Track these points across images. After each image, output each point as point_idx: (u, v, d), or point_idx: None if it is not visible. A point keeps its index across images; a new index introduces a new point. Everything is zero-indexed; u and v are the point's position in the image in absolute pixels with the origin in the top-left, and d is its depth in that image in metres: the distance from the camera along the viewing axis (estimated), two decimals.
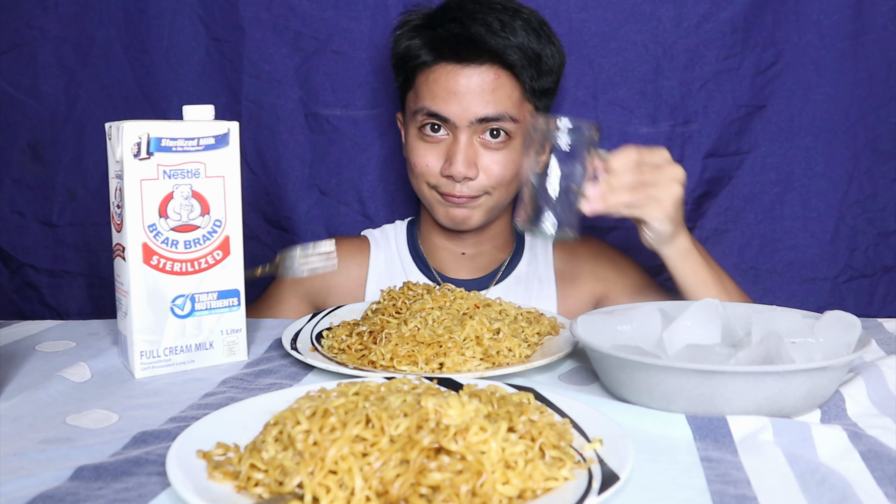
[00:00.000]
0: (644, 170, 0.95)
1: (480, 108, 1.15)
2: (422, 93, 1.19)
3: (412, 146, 1.22)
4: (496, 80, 1.16)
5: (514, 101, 1.18)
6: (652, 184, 0.96)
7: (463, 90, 1.15)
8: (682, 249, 1.05)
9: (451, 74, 1.16)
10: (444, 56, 1.17)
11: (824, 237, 1.45)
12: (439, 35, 1.17)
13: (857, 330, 0.78)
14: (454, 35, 1.16)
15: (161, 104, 1.43)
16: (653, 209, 0.96)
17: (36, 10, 1.40)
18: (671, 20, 1.41)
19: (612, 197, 0.94)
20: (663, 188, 0.96)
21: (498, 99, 1.16)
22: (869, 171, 1.44)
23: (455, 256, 1.32)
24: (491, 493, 0.54)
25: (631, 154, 0.95)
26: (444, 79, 1.16)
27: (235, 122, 0.89)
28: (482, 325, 0.90)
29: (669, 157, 0.98)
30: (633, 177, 0.95)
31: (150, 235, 0.85)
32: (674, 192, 0.96)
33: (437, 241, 1.33)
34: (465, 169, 1.16)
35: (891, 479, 0.60)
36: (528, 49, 1.17)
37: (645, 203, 0.96)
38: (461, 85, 1.15)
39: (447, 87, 1.16)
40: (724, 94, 1.43)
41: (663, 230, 0.99)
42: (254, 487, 0.57)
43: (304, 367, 0.89)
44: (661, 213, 0.97)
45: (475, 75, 1.16)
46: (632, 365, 0.73)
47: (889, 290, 1.46)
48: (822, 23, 1.40)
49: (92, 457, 0.65)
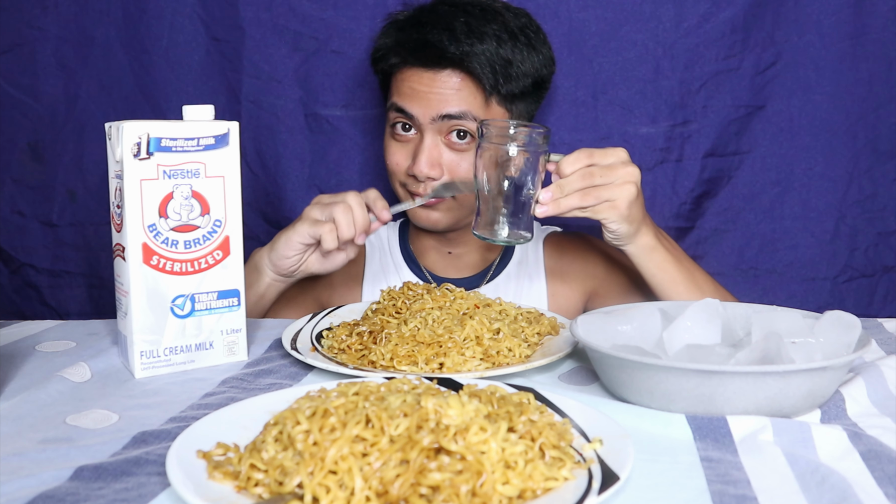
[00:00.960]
0: (595, 172, 0.97)
1: (443, 106, 1.16)
2: (392, 90, 1.22)
3: (386, 144, 1.25)
4: (460, 83, 1.17)
5: (479, 102, 1.18)
6: (604, 185, 0.97)
7: (426, 90, 1.17)
8: (645, 247, 1.06)
9: (416, 76, 1.18)
10: (408, 61, 1.19)
11: (824, 237, 1.45)
12: (403, 39, 1.19)
13: (857, 330, 0.78)
14: (415, 41, 1.17)
15: (161, 104, 1.43)
16: (606, 211, 0.98)
17: (36, 10, 1.40)
18: (671, 20, 1.41)
19: (564, 201, 0.97)
20: (616, 189, 0.97)
21: (462, 98, 1.17)
22: (869, 171, 1.44)
23: (443, 256, 1.33)
24: (491, 493, 0.54)
25: (582, 157, 0.97)
26: (409, 79, 1.19)
27: (235, 122, 0.89)
28: (482, 325, 0.90)
29: (625, 157, 0.99)
30: (584, 180, 0.97)
31: (150, 235, 0.85)
32: (627, 192, 0.98)
33: (425, 242, 1.34)
34: (428, 168, 1.16)
35: (891, 479, 0.60)
36: (493, 55, 1.15)
37: (597, 205, 0.98)
38: (424, 86, 1.17)
39: (412, 87, 1.18)
40: (724, 93, 1.43)
41: (620, 230, 1.01)
42: (254, 487, 0.57)
43: (304, 367, 0.89)
44: (615, 214, 0.98)
45: (437, 79, 1.17)
46: (632, 365, 0.73)
47: (889, 290, 1.46)
48: (822, 23, 1.40)
49: (92, 457, 0.65)
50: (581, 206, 0.97)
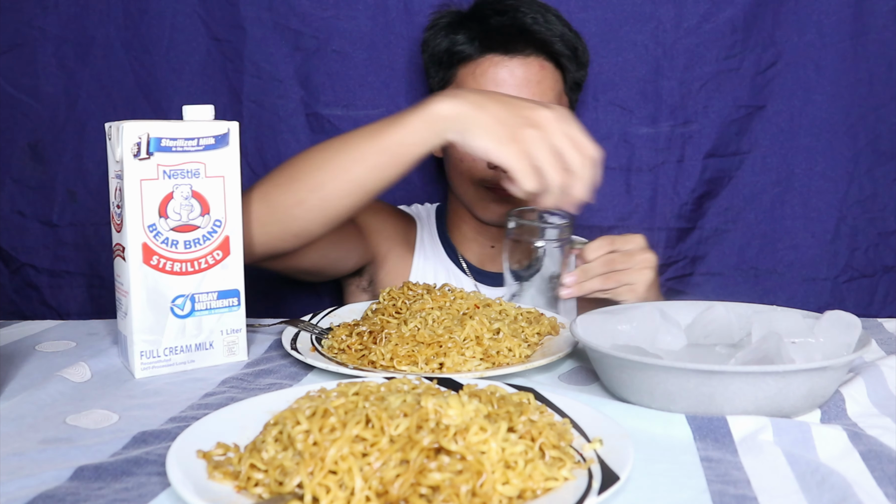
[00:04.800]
0: (616, 259, 1.03)
1: (530, 92, 1.18)
2: (466, 85, 1.21)
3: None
4: (541, 72, 1.19)
5: (557, 93, 1.22)
6: (623, 270, 1.03)
7: (510, 80, 1.18)
8: None
9: (499, 66, 1.19)
10: (492, 48, 1.19)
11: (824, 237, 1.45)
12: (487, 27, 1.20)
13: (857, 330, 0.78)
14: (503, 26, 1.19)
15: (161, 104, 1.43)
16: (626, 293, 1.04)
17: (36, 10, 1.40)
18: (671, 20, 1.41)
19: (587, 284, 1.03)
20: (635, 274, 1.03)
21: (543, 91, 1.19)
22: (869, 171, 1.44)
23: (485, 249, 1.34)
24: (491, 493, 0.54)
25: (605, 244, 1.03)
26: (491, 70, 1.19)
27: (235, 122, 0.89)
28: (482, 325, 0.90)
29: (644, 243, 1.04)
30: (606, 266, 1.02)
31: (150, 235, 0.85)
32: (645, 277, 1.03)
33: (466, 233, 1.34)
34: None
35: (891, 479, 0.60)
36: (567, 40, 1.22)
37: (618, 287, 1.03)
38: (507, 75, 1.18)
39: (494, 79, 1.18)
40: (724, 94, 1.43)
41: None
42: (254, 487, 0.57)
43: (304, 367, 0.89)
44: (634, 297, 1.04)
45: (521, 66, 1.19)
46: (632, 365, 0.73)
47: (889, 290, 1.46)
48: (822, 23, 1.40)
49: (92, 457, 0.65)
50: (603, 289, 1.03)
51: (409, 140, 0.91)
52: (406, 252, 1.33)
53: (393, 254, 1.31)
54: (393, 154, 0.92)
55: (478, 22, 1.21)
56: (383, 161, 0.93)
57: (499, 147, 0.87)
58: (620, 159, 1.46)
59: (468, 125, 0.89)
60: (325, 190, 0.94)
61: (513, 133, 0.87)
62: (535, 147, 0.87)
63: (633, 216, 1.47)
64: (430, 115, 0.90)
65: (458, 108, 0.89)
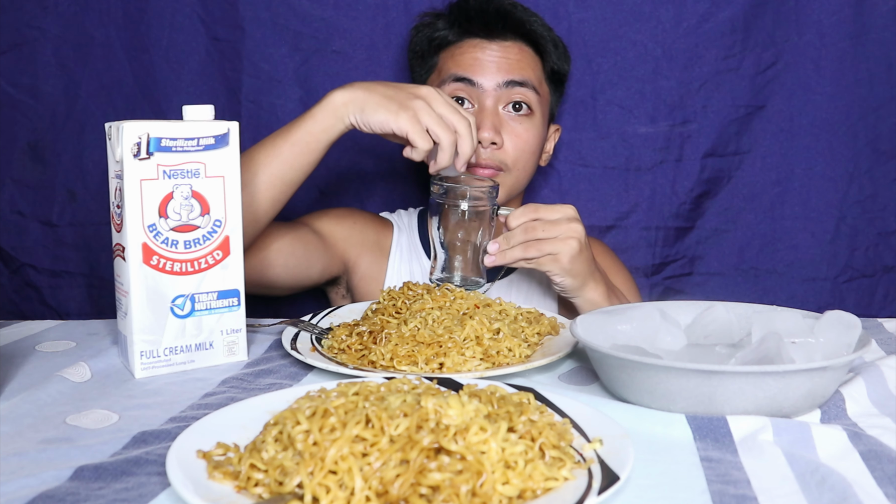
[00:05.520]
0: (538, 226, 1.03)
1: (506, 73, 1.22)
2: (447, 66, 1.26)
3: None
4: (520, 54, 1.23)
5: (538, 74, 1.25)
6: (546, 239, 1.03)
7: (489, 58, 1.23)
8: (592, 301, 1.10)
9: (478, 47, 1.23)
10: (472, 31, 1.24)
11: (824, 237, 1.45)
12: (467, 12, 1.25)
13: (857, 330, 0.78)
14: (483, 11, 1.24)
15: (161, 104, 1.43)
16: (549, 264, 1.04)
17: (36, 10, 1.40)
18: (671, 20, 1.41)
19: (509, 252, 1.04)
20: (559, 244, 1.03)
21: (522, 68, 1.23)
22: (869, 171, 1.44)
23: None
24: (491, 493, 0.54)
25: (528, 212, 1.04)
26: (471, 50, 1.24)
27: (235, 122, 0.89)
28: (482, 325, 0.90)
29: (572, 213, 1.05)
30: (527, 233, 1.04)
31: (149, 235, 0.85)
32: (569, 247, 1.03)
33: None
34: (492, 133, 1.20)
35: (891, 479, 0.60)
36: (547, 31, 1.27)
37: (540, 257, 1.04)
38: (487, 55, 1.23)
39: (474, 56, 1.23)
40: (724, 93, 1.43)
41: (564, 283, 1.07)
42: (254, 487, 0.57)
43: (304, 367, 0.89)
44: (557, 267, 1.04)
45: (500, 49, 1.23)
46: (632, 365, 0.73)
47: (889, 290, 1.46)
48: (822, 23, 1.40)
49: (92, 457, 0.65)
50: (525, 258, 1.04)
51: (315, 129, 1.04)
52: (380, 256, 1.33)
53: (364, 259, 1.31)
54: (304, 144, 1.04)
55: (458, 9, 1.27)
56: (296, 152, 1.04)
57: (393, 117, 1.00)
58: (619, 159, 1.46)
59: (363, 105, 1.02)
60: (251, 186, 1.03)
61: (402, 104, 1.00)
62: (423, 113, 1.00)
63: (632, 215, 1.47)
64: (330, 105, 1.04)
65: (352, 94, 1.03)
